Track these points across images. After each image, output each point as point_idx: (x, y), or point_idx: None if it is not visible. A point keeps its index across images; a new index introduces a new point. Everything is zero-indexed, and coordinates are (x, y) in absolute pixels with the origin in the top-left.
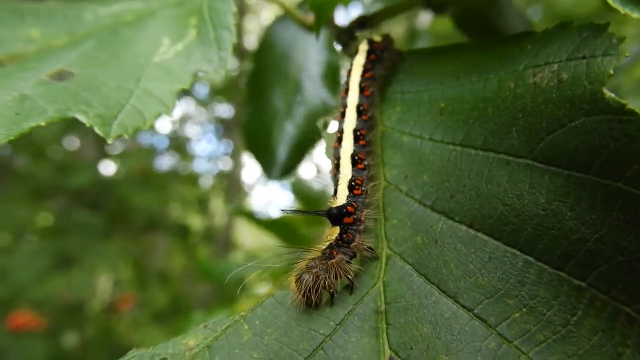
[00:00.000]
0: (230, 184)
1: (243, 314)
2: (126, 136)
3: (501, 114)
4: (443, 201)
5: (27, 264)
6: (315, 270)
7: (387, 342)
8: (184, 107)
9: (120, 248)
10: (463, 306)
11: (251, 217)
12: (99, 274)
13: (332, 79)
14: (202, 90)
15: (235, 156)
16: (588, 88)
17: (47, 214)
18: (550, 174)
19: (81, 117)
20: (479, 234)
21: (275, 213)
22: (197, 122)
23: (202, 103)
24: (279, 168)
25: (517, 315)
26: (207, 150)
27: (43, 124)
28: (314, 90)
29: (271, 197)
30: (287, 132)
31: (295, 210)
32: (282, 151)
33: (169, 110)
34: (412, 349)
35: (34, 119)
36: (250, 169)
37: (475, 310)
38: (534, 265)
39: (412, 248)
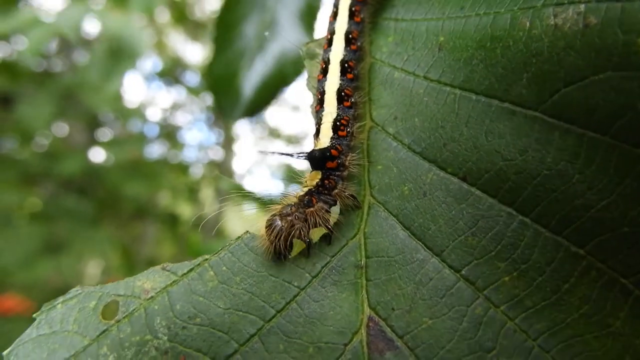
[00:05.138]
0: (221, 173)
1: (207, 257)
2: None
3: (512, 56)
4: (435, 149)
5: (14, 248)
6: (290, 217)
7: (366, 299)
8: (174, 95)
9: (109, 235)
10: (450, 266)
11: (242, 190)
12: (88, 260)
13: (310, 19)
14: (193, 78)
15: (226, 145)
16: (621, 38)
17: (36, 199)
18: (561, 131)
19: None
20: (473, 189)
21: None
22: (187, 110)
23: (193, 91)
24: (242, 107)
25: (506, 279)
26: (198, 139)
27: None
28: (290, 29)
29: (262, 186)
30: (256, 69)
31: (274, 152)
32: (247, 89)
33: None
34: (393, 309)
35: None
36: (241, 158)
37: (463, 272)
38: (530, 227)
39: (397, 198)
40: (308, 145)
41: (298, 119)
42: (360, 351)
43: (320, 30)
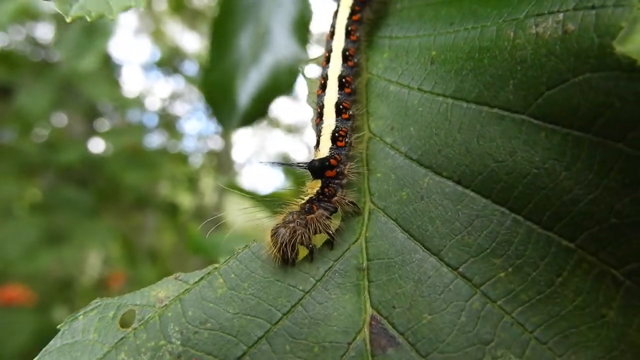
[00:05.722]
0: (220, 163)
1: (217, 266)
2: (88, 19)
3: (498, 65)
4: (430, 155)
5: (15, 239)
6: (292, 224)
7: (369, 300)
8: (173, 84)
9: (110, 225)
10: (448, 264)
11: (242, 191)
12: (89, 250)
13: (303, 31)
14: (191, 68)
15: (225, 135)
16: (596, 41)
17: (35, 190)
18: (547, 132)
19: None
20: (467, 191)
21: (265, 189)
22: (186, 99)
23: (192, 81)
24: (238, 117)
25: (502, 274)
26: (197, 129)
27: None
28: (284, 40)
29: (261, 176)
30: (251, 80)
31: (275, 162)
32: (243, 99)
33: (138, 4)
34: (394, 307)
35: None
36: (241, 147)
37: (460, 269)
38: (523, 224)
39: (396, 203)
40: (307, 136)
41: (297, 108)
42: (363, 349)
43: (312, 40)
